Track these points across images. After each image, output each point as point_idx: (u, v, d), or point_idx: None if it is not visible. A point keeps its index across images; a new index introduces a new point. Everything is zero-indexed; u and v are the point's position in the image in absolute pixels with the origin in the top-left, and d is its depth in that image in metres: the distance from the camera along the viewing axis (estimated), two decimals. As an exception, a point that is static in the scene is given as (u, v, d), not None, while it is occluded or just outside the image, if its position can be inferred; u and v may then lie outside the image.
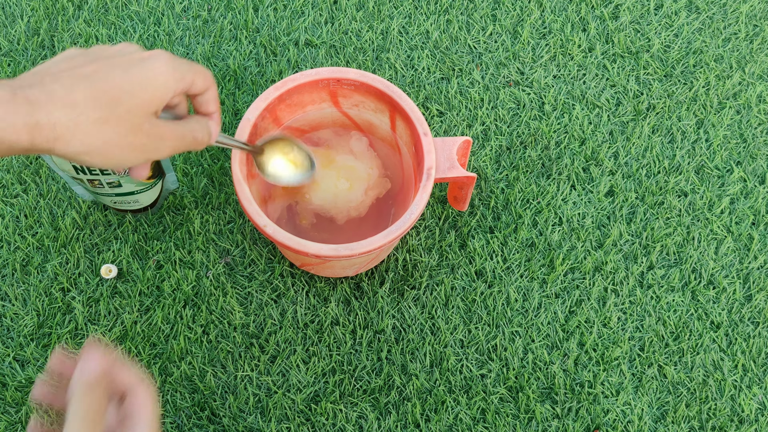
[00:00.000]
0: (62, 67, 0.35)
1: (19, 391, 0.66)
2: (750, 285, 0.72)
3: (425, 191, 0.57)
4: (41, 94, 0.33)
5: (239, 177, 0.56)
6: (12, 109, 0.32)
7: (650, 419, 0.67)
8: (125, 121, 0.35)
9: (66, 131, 0.33)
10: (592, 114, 0.79)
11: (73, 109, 0.33)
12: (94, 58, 0.37)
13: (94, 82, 0.35)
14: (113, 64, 0.36)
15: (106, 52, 0.37)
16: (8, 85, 0.33)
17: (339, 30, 0.82)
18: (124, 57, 0.37)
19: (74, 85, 0.34)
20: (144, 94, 0.36)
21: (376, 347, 0.69)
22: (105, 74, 0.35)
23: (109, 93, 0.35)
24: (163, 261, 0.71)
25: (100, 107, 0.34)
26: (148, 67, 0.37)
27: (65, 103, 0.33)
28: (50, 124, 0.33)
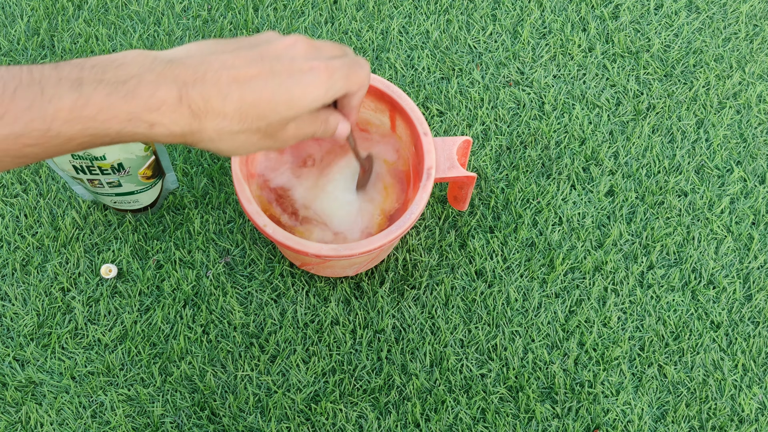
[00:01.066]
0: (226, 61, 0.36)
1: (19, 391, 0.66)
2: (750, 285, 0.72)
3: (425, 191, 0.57)
4: (201, 100, 0.35)
5: (239, 177, 0.56)
6: (175, 119, 0.34)
7: (650, 419, 0.67)
8: (262, 131, 0.38)
9: (209, 137, 0.36)
10: (592, 114, 0.79)
11: (222, 119, 0.36)
12: (259, 57, 0.37)
13: (247, 93, 0.36)
14: (273, 72, 0.37)
15: (273, 50, 0.38)
16: (174, 78, 0.34)
17: (339, 30, 0.82)
18: (286, 64, 0.37)
19: (229, 93, 0.35)
20: (289, 112, 0.37)
21: (376, 347, 0.69)
22: (262, 84, 0.36)
23: (257, 108, 0.36)
24: (163, 261, 0.71)
25: (245, 121, 0.36)
26: (305, 84, 0.37)
27: (217, 114, 0.35)
28: (200, 130, 0.35)
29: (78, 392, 0.67)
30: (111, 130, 0.33)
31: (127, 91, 0.33)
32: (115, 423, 0.66)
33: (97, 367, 0.67)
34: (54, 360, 0.67)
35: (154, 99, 0.33)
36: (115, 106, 0.32)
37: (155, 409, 0.66)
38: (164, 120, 0.34)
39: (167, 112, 0.34)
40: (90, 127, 0.32)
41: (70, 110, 0.32)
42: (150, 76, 0.34)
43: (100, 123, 0.32)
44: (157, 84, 0.33)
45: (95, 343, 0.68)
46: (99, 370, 0.67)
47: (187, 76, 0.35)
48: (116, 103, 0.32)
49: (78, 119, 0.32)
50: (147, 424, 0.66)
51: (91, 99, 0.32)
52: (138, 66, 0.34)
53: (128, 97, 0.33)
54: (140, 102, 0.33)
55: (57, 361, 0.67)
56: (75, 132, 0.32)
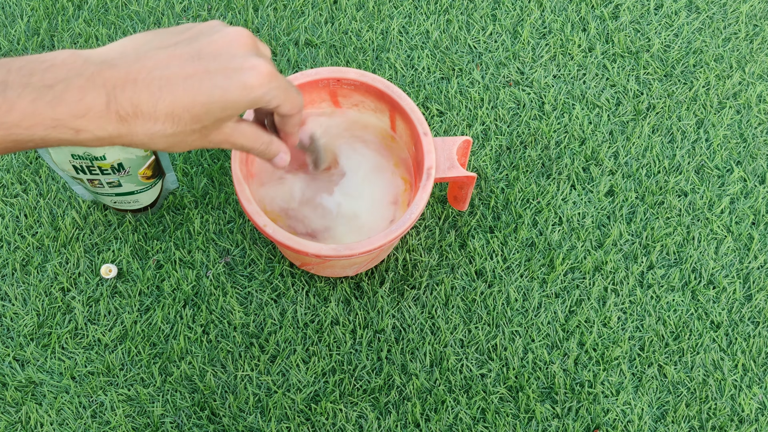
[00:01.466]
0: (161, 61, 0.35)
1: (19, 391, 0.66)
2: (750, 285, 0.72)
3: (425, 191, 0.57)
4: (130, 106, 0.34)
5: (239, 177, 0.56)
6: (102, 125, 0.33)
7: (650, 419, 0.67)
8: (195, 133, 0.37)
9: (140, 140, 0.36)
10: (592, 114, 0.79)
11: (154, 124, 0.35)
12: (196, 54, 0.36)
13: (180, 95, 0.35)
14: (209, 72, 0.36)
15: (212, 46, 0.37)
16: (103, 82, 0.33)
17: (339, 30, 0.82)
18: (223, 61, 0.36)
19: (161, 97, 0.35)
20: (222, 113, 0.37)
21: (376, 347, 0.69)
22: (197, 83, 0.35)
23: (191, 111, 0.36)
24: (163, 261, 0.71)
25: (177, 124, 0.36)
26: (242, 83, 0.37)
27: (148, 117, 0.35)
28: (129, 134, 0.35)
29: (78, 392, 0.67)
30: (35, 136, 0.32)
31: (53, 97, 0.32)
32: (115, 423, 0.66)
33: (97, 367, 0.67)
34: (54, 360, 0.67)
35: (80, 105, 0.32)
36: (40, 112, 0.32)
37: (155, 409, 0.66)
38: (90, 126, 0.33)
39: (93, 119, 0.33)
40: (13, 133, 0.32)
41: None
42: (78, 81, 0.33)
43: (24, 129, 0.32)
44: (84, 89, 0.33)
45: (95, 343, 0.68)
46: (99, 370, 0.67)
47: (117, 79, 0.34)
48: (41, 109, 0.32)
49: (1, 125, 0.31)
50: (147, 424, 0.66)
51: (16, 104, 0.31)
52: (67, 69, 0.33)
53: (54, 102, 0.32)
54: (66, 108, 0.32)
55: (57, 361, 0.67)
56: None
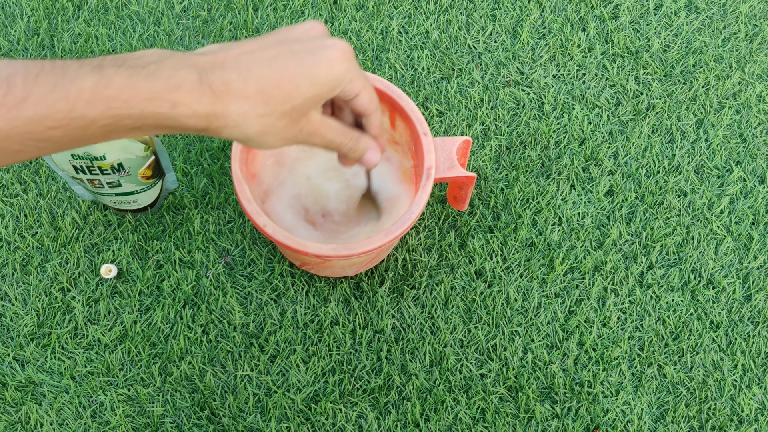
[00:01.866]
0: (244, 47, 0.37)
1: (19, 391, 0.66)
2: (750, 285, 0.72)
3: (425, 191, 0.57)
4: (221, 83, 0.35)
5: (239, 177, 0.56)
6: (197, 98, 0.34)
7: (650, 419, 0.67)
8: (287, 116, 0.38)
9: (234, 122, 0.36)
10: (591, 114, 0.79)
11: (246, 102, 0.36)
12: (277, 41, 0.38)
13: (268, 73, 0.36)
14: (293, 52, 0.37)
15: (291, 33, 0.39)
16: (194, 64, 0.35)
17: (339, 30, 0.82)
18: (305, 43, 0.38)
19: (249, 75, 0.36)
20: (311, 90, 0.37)
21: (375, 347, 0.69)
22: (282, 63, 0.36)
23: (280, 89, 0.36)
24: (163, 261, 0.71)
25: (268, 103, 0.36)
26: (326, 59, 0.37)
27: (239, 95, 0.35)
28: (224, 114, 0.35)
29: (78, 392, 0.67)
30: (133, 110, 0.33)
31: (147, 73, 0.33)
32: (115, 423, 0.66)
33: (97, 367, 0.67)
34: (54, 360, 0.67)
35: (173, 79, 0.34)
36: (137, 85, 0.33)
37: (155, 409, 0.66)
38: (186, 99, 0.34)
39: (188, 92, 0.34)
40: (112, 107, 0.33)
41: (92, 90, 0.32)
42: (169, 62, 0.34)
43: (122, 102, 0.33)
44: (176, 68, 0.34)
45: (95, 343, 0.68)
46: (99, 370, 0.67)
47: (206, 62, 0.35)
48: (137, 83, 0.33)
49: (100, 99, 0.32)
50: (147, 424, 0.66)
51: (113, 80, 0.33)
52: (156, 56, 0.35)
53: (148, 78, 0.33)
54: (160, 82, 0.33)
55: (57, 361, 0.67)
56: (98, 113, 0.33)
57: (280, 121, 0.37)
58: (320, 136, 0.41)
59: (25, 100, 0.31)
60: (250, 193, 0.56)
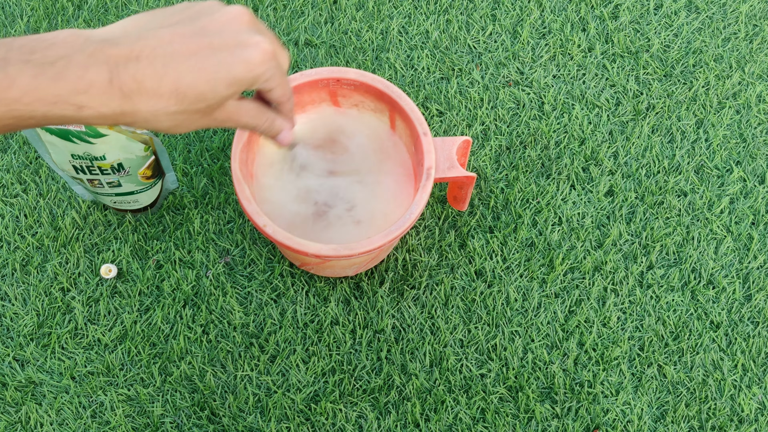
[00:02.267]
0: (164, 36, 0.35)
1: (19, 391, 0.66)
2: (750, 285, 0.72)
3: (425, 191, 0.57)
4: (133, 81, 0.34)
5: (239, 177, 0.56)
6: (104, 101, 0.33)
7: (650, 419, 0.67)
8: (199, 112, 0.37)
9: (144, 119, 0.35)
10: (591, 114, 0.79)
11: (158, 100, 0.35)
12: (200, 31, 0.36)
13: (185, 72, 0.35)
14: (213, 47, 0.36)
15: (215, 23, 0.37)
16: (106, 59, 0.33)
17: (339, 30, 0.82)
18: (227, 37, 0.37)
19: (165, 72, 0.35)
20: (226, 91, 0.37)
21: (375, 347, 0.69)
22: (201, 60, 0.35)
23: (195, 88, 0.36)
24: (163, 261, 0.71)
25: (181, 102, 0.36)
26: (246, 59, 0.37)
27: (152, 94, 0.35)
28: (133, 112, 0.35)
29: (78, 392, 0.67)
30: (36, 112, 0.32)
31: (54, 73, 0.32)
32: (115, 423, 0.66)
33: (97, 367, 0.67)
34: (54, 360, 0.67)
35: (82, 81, 0.32)
36: (42, 88, 0.32)
37: (155, 409, 0.66)
38: (93, 102, 0.33)
39: (96, 95, 0.33)
40: (14, 109, 0.32)
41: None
42: (80, 57, 0.33)
43: (25, 105, 0.32)
44: (86, 65, 0.33)
45: (95, 343, 0.68)
46: (99, 370, 0.67)
47: (120, 56, 0.34)
48: (43, 84, 0.32)
49: (2, 101, 0.31)
50: (147, 424, 0.66)
51: (17, 80, 0.31)
52: (68, 46, 0.33)
53: (55, 78, 0.32)
54: (68, 84, 0.32)
55: (57, 361, 0.67)
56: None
57: (193, 115, 0.37)
58: (234, 121, 0.41)
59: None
60: (250, 193, 0.56)
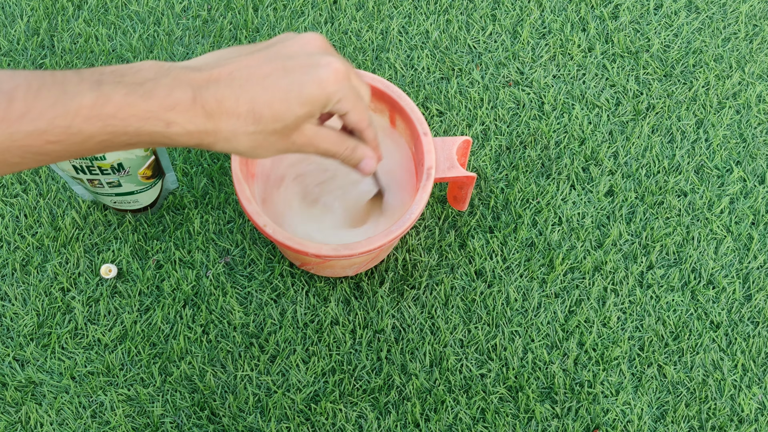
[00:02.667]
0: (240, 63, 0.37)
1: (19, 391, 0.66)
2: (750, 285, 0.72)
3: (425, 191, 0.57)
4: (214, 101, 0.36)
5: (239, 177, 0.56)
6: (190, 118, 0.35)
7: (650, 419, 0.67)
8: (277, 133, 0.38)
9: (225, 138, 0.37)
10: (591, 114, 0.79)
11: (237, 120, 0.37)
12: (274, 56, 0.38)
13: (260, 92, 0.37)
14: (286, 69, 0.38)
15: (288, 48, 0.39)
16: (189, 82, 0.35)
17: (339, 30, 0.82)
18: (300, 60, 0.38)
19: (241, 94, 0.36)
20: (301, 110, 0.38)
21: (375, 347, 0.69)
22: (274, 82, 0.37)
23: (271, 108, 0.37)
24: (163, 261, 0.71)
25: (259, 122, 0.37)
26: (319, 78, 0.38)
27: (231, 114, 0.36)
28: (215, 131, 0.36)
29: (78, 392, 0.67)
30: (130, 127, 0.34)
31: (144, 92, 0.34)
32: (115, 423, 0.66)
33: (97, 367, 0.67)
34: (54, 360, 0.67)
35: (169, 99, 0.34)
36: (134, 104, 0.34)
37: (155, 409, 0.66)
38: (179, 119, 0.35)
39: (182, 111, 0.35)
40: (110, 124, 0.33)
41: (91, 107, 0.33)
42: (165, 80, 0.35)
43: (120, 120, 0.34)
44: (171, 86, 0.35)
45: (95, 343, 0.68)
46: (99, 370, 0.67)
47: (201, 80, 0.36)
48: (135, 101, 0.34)
49: (98, 116, 0.33)
50: (147, 424, 0.66)
51: (111, 97, 0.33)
52: (154, 72, 0.35)
53: (145, 97, 0.34)
54: (156, 101, 0.34)
55: (57, 361, 0.67)
56: (95, 129, 0.33)
57: (271, 136, 0.38)
58: (314, 146, 0.41)
59: (26, 115, 0.31)
60: (250, 193, 0.56)
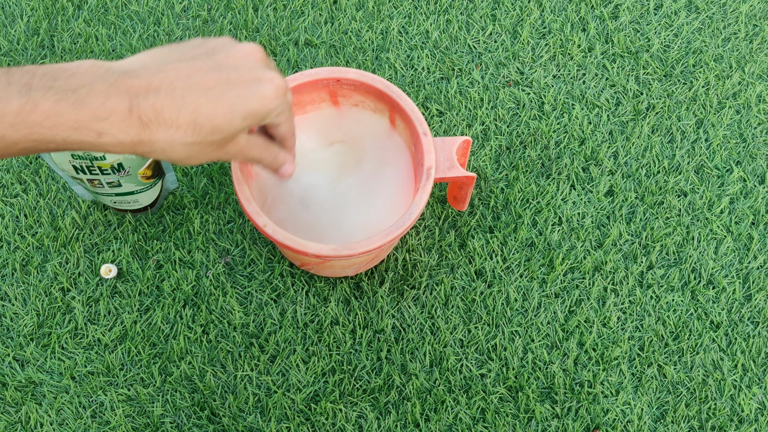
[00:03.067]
0: (182, 70, 0.36)
1: (19, 391, 0.66)
2: (750, 285, 0.72)
3: (425, 191, 0.57)
4: (152, 111, 0.35)
5: (239, 177, 0.56)
6: (124, 128, 0.34)
7: (650, 419, 0.67)
8: (214, 144, 0.38)
9: (161, 148, 0.36)
10: (591, 114, 0.79)
11: (175, 131, 0.36)
12: (216, 66, 0.38)
13: (203, 104, 0.36)
14: (230, 82, 0.37)
15: (230, 59, 0.38)
16: (126, 89, 0.34)
17: (339, 30, 0.82)
18: (243, 73, 0.38)
19: (183, 104, 0.36)
20: (242, 123, 0.38)
21: (375, 347, 0.69)
22: (219, 94, 0.37)
23: (212, 121, 0.37)
24: (163, 261, 0.71)
25: (198, 133, 0.37)
26: (260, 95, 0.38)
27: (170, 124, 0.35)
28: (150, 142, 0.36)
29: (78, 392, 0.67)
30: (57, 137, 0.33)
31: (76, 99, 0.33)
32: (115, 423, 0.66)
33: (97, 367, 0.67)
34: (54, 360, 0.67)
35: (103, 108, 0.33)
36: (63, 113, 0.32)
37: (155, 409, 0.66)
38: (112, 130, 0.34)
39: (116, 122, 0.34)
40: (35, 132, 0.32)
41: (16, 114, 0.31)
42: (101, 86, 0.33)
43: (47, 129, 0.32)
44: (107, 94, 0.33)
45: (95, 343, 0.68)
46: (99, 370, 0.67)
47: (140, 87, 0.35)
48: (64, 110, 0.32)
49: (24, 124, 0.32)
50: (147, 424, 0.66)
51: (39, 104, 0.32)
52: (90, 76, 0.34)
53: (77, 105, 0.33)
54: (89, 111, 0.33)
55: (57, 361, 0.67)
56: (20, 136, 0.32)
57: (207, 147, 0.38)
58: (244, 154, 0.42)
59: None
60: (250, 193, 0.56)
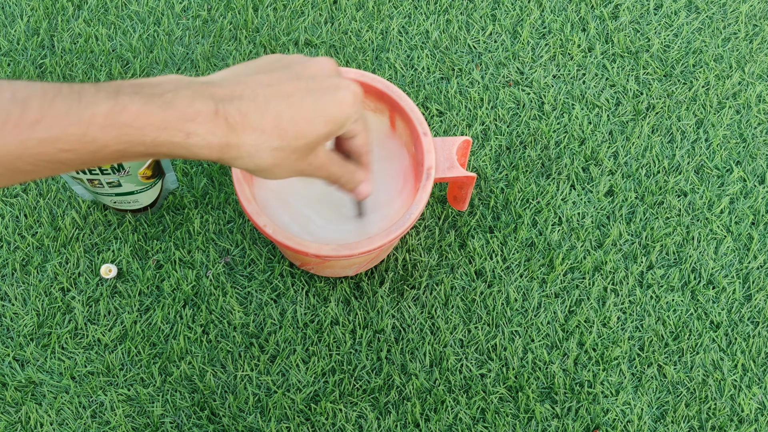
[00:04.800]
0: (262, 80, 0.38)
1: (19, 391, 0.66)
2: (750, 285, 0.72)
3: (425, 191, 0.57)
4: (238, 114, 0.35)
5: (239, 177, 0.56)
6: (212, 129, 0.35)
7: (650, 419, 0.67)
8: (299, 151, 0.39)
9: (248, 153, 0.37)
10: (591, 114, 0.79)
11: (260, 135, 0.36)
12: (294, 76, 0.39)
13: (286, 109, 0.37)
14: (309, 89, 0.38)
15: (307, 70, 0.40)
16: (210, 95, 0.35)
17: (339, 30, 0.82)
18: (320, 81, 0.39)
19: (267, 109, 0.36)
20: (324, 129, 0.39)
21: (375, 347, 0.69)
22: (299, 100, 0.38)
23: (295, 125, 0.37)
24: (163, 261, 0.71)
25: (283, 138, 0.37)
26: (339, 100, 0.39)
27: (255, 128, 0.36)
28: (237, 145, 0.36)
29: (78, 392, 0.67)
30: (146, 137, 0.33)
31: (163, 102, 0.33)
32: (115, 423, 0.66)
33: (97, 367, 0.67)
34: (54, 360, 0.67)
35: (190, 109, 0.34)
36: (151, 113, 0.33)
37: (155, 409, 0.66)
38: (200, 130, 0.34)
39: (203, 123, 0.34)
40: (125, 133, 0.33)
41: (106, 116, 0.32)
42: (186, 92, 0.34)
43: (136, 129, 0.33)
44: (192, 98, 0.34)
45: (95, 343, 0.68)
46: (99, 370, 0.67)
47: (224, 94, 0.36)
48: (152, 111, 0.33)
49: (114, 125, 0.32)
50: (147, 424, 0.66)
51: (128, 106, 0.33)
52: (174, 84, 0.35)
53: (164, 107, 0.33)
54: (176, 112, 0.34)
55: (57, 361, 0.67)
56: (110, 138, 0.33)
57: (292, 154, 0.39)
58: (325, 170, 0.43)
59: (39, 122, 0.31)
60: (250, 193, 0.56)
